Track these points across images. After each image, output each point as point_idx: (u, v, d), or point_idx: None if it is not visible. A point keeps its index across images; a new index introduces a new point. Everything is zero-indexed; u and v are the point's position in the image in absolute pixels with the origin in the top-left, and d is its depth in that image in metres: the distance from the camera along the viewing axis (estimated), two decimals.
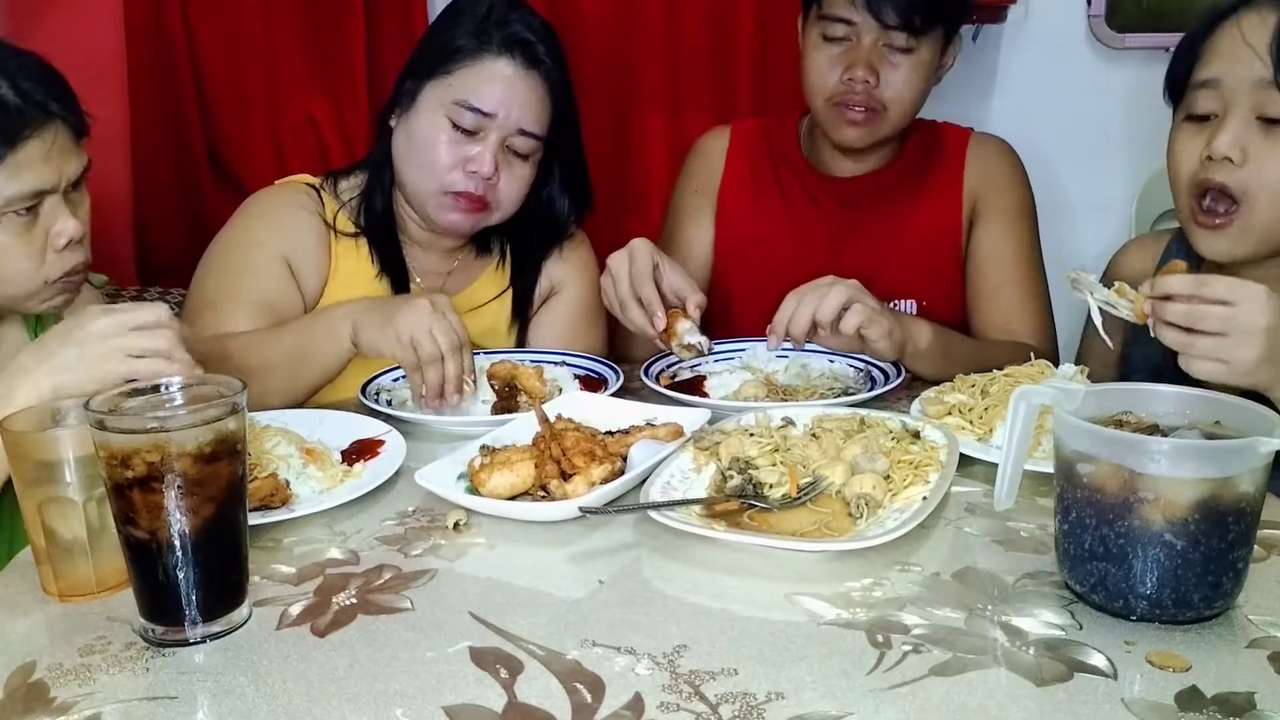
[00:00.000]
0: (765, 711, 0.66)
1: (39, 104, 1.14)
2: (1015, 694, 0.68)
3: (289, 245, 1.46)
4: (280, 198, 1.52)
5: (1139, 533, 0.75)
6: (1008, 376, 1.19)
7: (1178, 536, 0.74)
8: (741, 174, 1.73)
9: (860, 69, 1.49)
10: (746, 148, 1.74)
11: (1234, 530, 0.74)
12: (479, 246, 1.61)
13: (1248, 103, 1.13)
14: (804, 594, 0.82)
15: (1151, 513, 0.74)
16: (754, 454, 1.03)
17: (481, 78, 1.41)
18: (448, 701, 0.68)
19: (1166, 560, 0.74)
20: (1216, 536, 0.74)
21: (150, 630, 0.78)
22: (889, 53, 1.50)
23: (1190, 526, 0.74)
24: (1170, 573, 0.74)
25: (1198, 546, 0.74)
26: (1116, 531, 0.76)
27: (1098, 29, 2.24)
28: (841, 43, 1.52)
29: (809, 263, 1.63)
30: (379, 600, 0.83)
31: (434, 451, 1.12)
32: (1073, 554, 0.79)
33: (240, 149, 2.25)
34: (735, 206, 1.73)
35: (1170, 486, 0.73)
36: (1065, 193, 2.26)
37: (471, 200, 1.43)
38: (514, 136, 1.43)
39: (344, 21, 2.25)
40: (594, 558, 0.91)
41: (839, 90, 1.52)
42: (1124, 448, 0.75)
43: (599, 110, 2.21)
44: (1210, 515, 0.73)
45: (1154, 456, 0.73)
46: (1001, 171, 1.65)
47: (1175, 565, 0.74)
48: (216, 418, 0.77)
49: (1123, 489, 0.75)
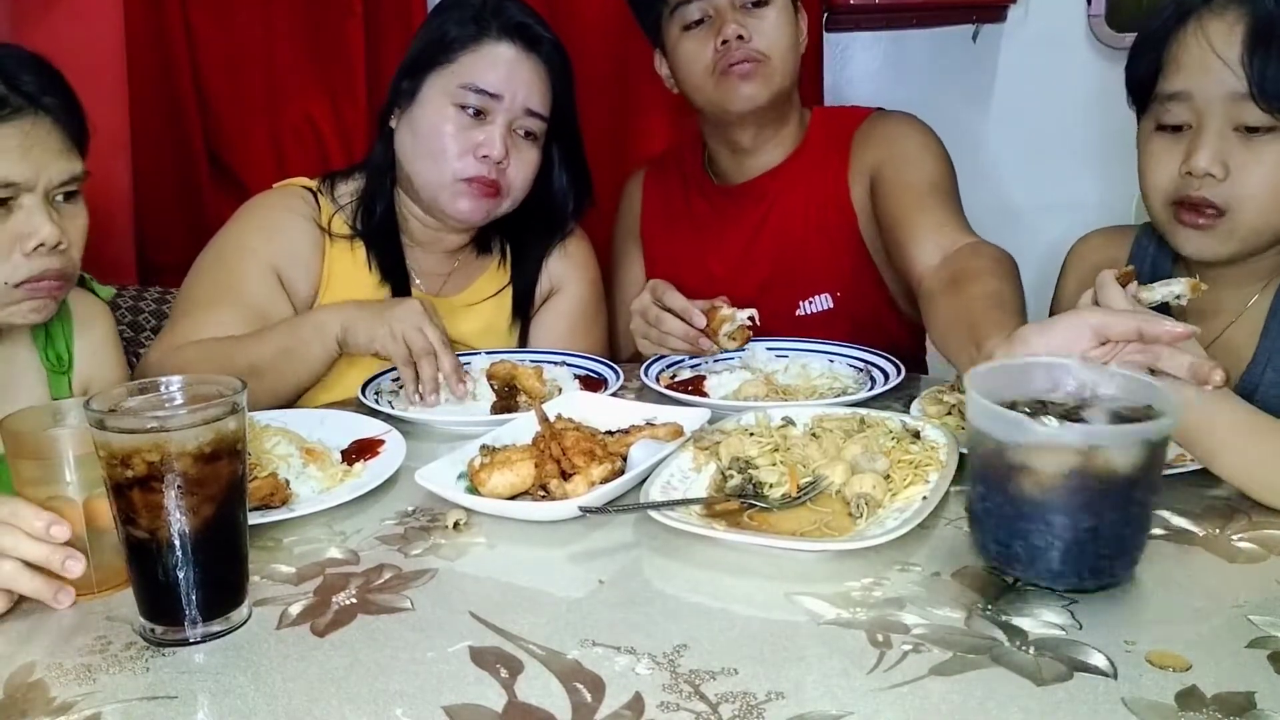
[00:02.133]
0: (765, 711, 0.66)
1: (26, 93, 1.11)
2: (1015, 694, 0.68)
3: (279, 252, 1.47)
4: (275, 203, 1.52)
5: (1018, 502, 0.81)
6: None
7: (1051, 508, 0.79)
8: (655, 208, 1.79)
9: (729, 27, 1.51)
10: (659, 181, 1.81)
11: (1109, 502, 0.78)
12: (479, 246, 1.61)
13: (1223, 114, 1.10)
14: (804, 594, 0.82)
15: (1027, 483, 0.79)
16: (754, 454, 1.03)
17: (485, 61, 1.42)
18: (448, 701, 0.68)
19: (1041, 529, 0.80)
20: (1095, 508, 0.78)
21: (150, 630, 0.78)
22: (749, 11, 1.53)
23: (1064, 497, 0.78)
24: (1041, 541, 0.80)
25: (1073, 515, 0.79)
26: (1000, 500, 0.82)
27: (1098, 29, 2.24)
28: (703, 24, 1.54)
29: (726, 275, 1.66)
30: (379, 600, 0.83)
31: (434, 451, 1.12)
32: (980, 523, 0.86)
33: (240, 149, 2.25)
34: (656, 239, 1.79)
35: (1041, 457, 0.78)
36: (1064, 193, 2.27)
37: (485, 185, 1.44)
38: (521, 118, 1.44)
39: (344, 21, 2.24)
40: (594, 557, 0.91)
41: (716, 58, 1.53)
42: (1001, 422, 0.80)
43: (599, 110, 2.21)
44: (1081, 487, 0.78)
45: (1026, 431, 0.79)
46: (901, 141, 1.57)
47: (1046, 534, 0.80)
48: (216, 417, 0.77)
49: (998, 459, 0.81)
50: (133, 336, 1.89)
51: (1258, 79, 1.06)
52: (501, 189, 1.45)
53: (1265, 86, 1.06)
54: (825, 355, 1.48)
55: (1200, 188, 1.12)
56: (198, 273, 1.48)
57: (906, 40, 2.42)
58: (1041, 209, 2.25)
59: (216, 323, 1.39)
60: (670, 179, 1.78)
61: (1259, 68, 1.06)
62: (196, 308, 1.43)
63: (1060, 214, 2.05)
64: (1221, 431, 0.94)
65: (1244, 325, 1.21)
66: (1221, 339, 1.22)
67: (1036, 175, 2.31)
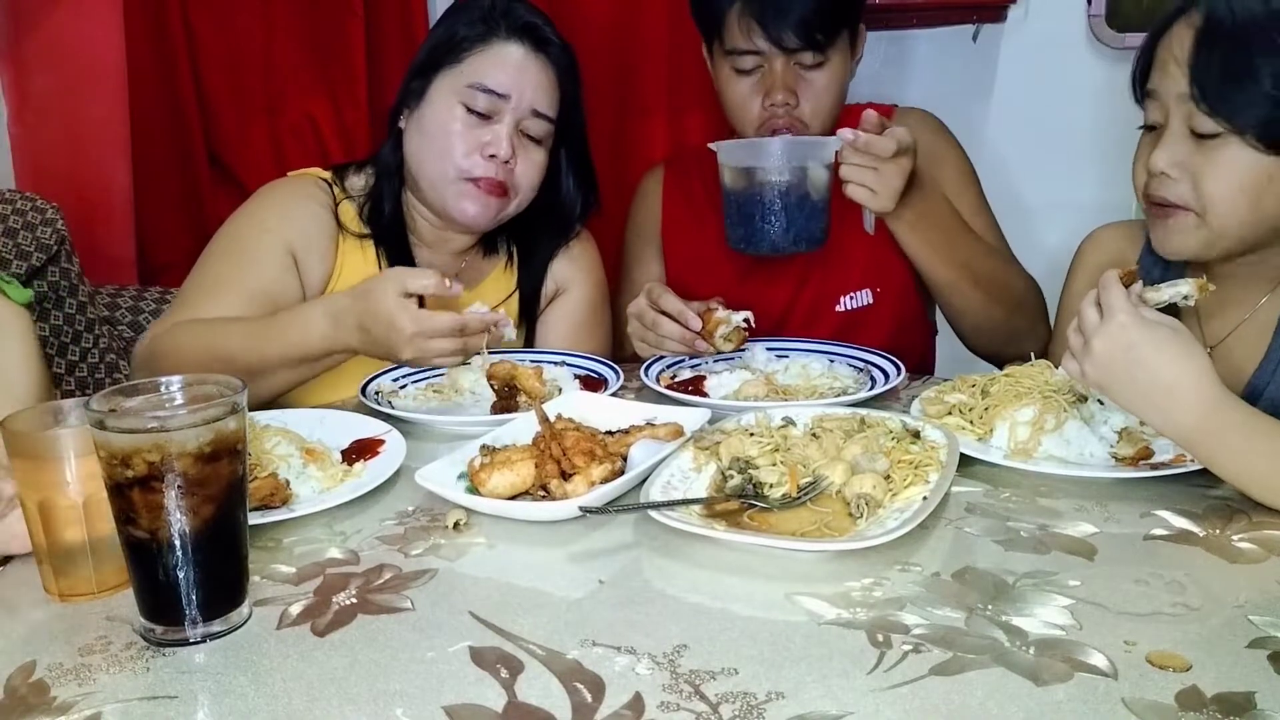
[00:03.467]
0: (765, 711, 0.66)
1: None
2: (1015, 694, 0.68)
3: (297, 234, 1.46)
4: (293, 188, 1.52)
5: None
6: (1008, 376, 1.19)
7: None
8: (678, 205, 1.77)
9: (779, 93, 1.52)
10: (680, 179, 1.78)
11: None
12: (486, 247, 1.61)
13: (1180, 115, 1.11)
14: (804, 594, 0.82)
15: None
16: (754, 454, 1.03)
17: (493, 61, 1.42)
18: (448, 701, 0.68)
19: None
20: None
21: (150, 630, 0.78)
22: (802, 71, 1.52)
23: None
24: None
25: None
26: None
27: (1098, 29, 2.24)
28: (755, 72, 1.54)
29: (760, 267, 1.65)
30: (379, 600, 0.83)
31: (434, 451, 1.12)
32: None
33: (240, 149, 2.25)
34: (679, 237, 1.76)
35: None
36: (1064, 193, 2.26)
37: (491, 185, 1.43)
38: (527, 119, 1.44)
39: (344, 21, 2.25)
40: (594, 557, 0.91)
41: (763, 116, 1.55)
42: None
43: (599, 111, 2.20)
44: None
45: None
46: (929, 144, 1.61)
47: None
48: (216, 417, 0.77)
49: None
50: (132, 336, 1.89)
51: (1198, 81, 1.08)
52: (508, 190, 1.45)
53: (1205, 89, 1.07)
54: (825, 355, 1.48)
55: (1159, 187, 1.14)
56: (210, 252, 1.46)
57: (906, 40, 2.42)
58: (1042, 209, 2.25)
59: (220, 306, 1.38)
60: (692, 176, 1.76)
61: (1200, 70, 1.07)
62: (204, 286, 1.41)
63: (1060, 214, 2.06)
64: (1226, 436, 0.94)
65: (1253, 325, 1.21)
66: (1231, 339, 1.22)
67: (1036, 175, 2.31)
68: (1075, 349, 1.01)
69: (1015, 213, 2.20)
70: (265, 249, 1.43)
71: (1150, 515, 0.96)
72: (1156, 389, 0.95)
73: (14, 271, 1.65)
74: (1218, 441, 0.95)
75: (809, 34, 1.48)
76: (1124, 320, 0.96)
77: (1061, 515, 0.96)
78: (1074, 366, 1.01)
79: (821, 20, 1.48)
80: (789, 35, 1.48)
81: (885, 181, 1.35)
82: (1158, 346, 0.95)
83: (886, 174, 1.34)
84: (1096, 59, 2.26)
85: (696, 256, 1.72)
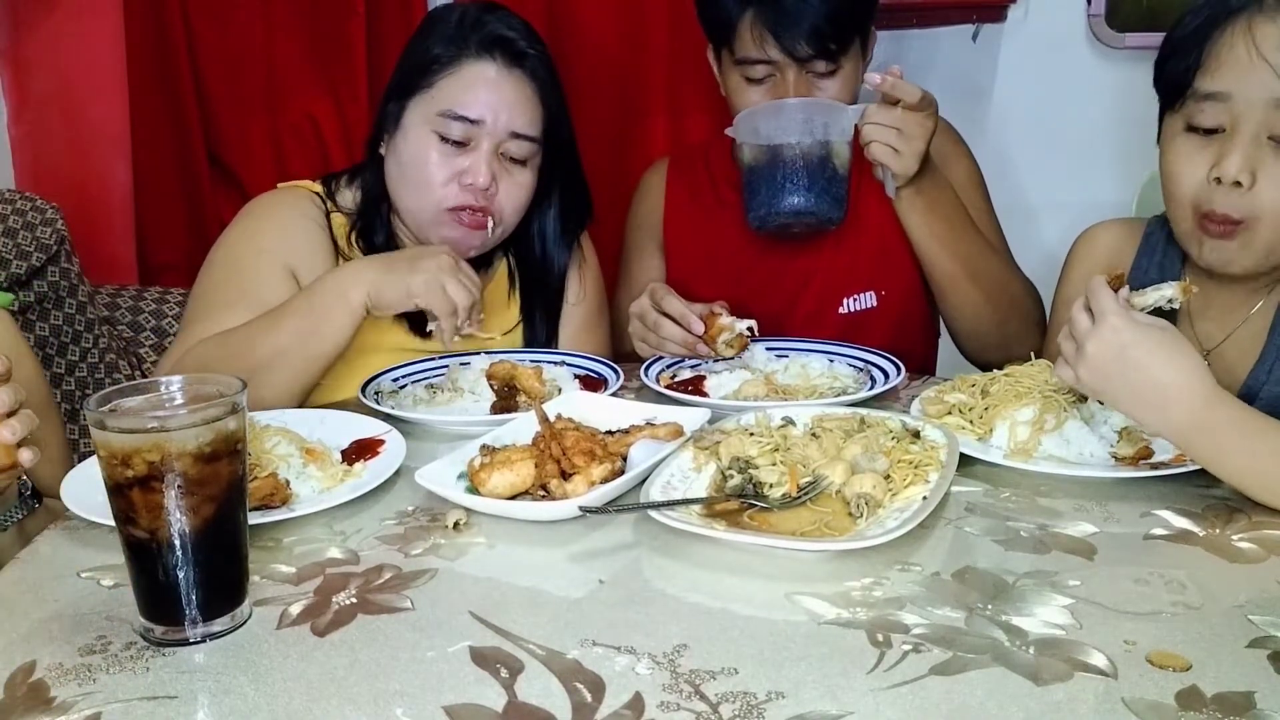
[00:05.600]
0: (765, 711, 0.66)
1: None
2: (1015, 694, 0.68)
3: (294, 252, 1.42)
4: (286, 204, 1.48)
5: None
6: (1008, 376, 1.19)
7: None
8: (680, 201, 1.75)
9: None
10: (684, 174, 1.76)
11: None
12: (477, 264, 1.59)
13: (1259, 121, 1.07)
14: (804, 593, 0.82)
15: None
16: (754, 454, 1.03)
17: (463, 84, 1.38)
18: (448, 701, 0.68)
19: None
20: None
21: (150, 630, 0.78)
22: (815, 79, 1.51)
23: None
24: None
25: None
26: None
27: (1098, 29, 2.24)
28: (766, 81, 1.53)
29: (762, 266, 1.65)
30: (379, 600, 0.83)
31: (434, 451, 1.12)
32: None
33: (240, 149, 2.25)
34: (682, 231, 1.74)
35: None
36: (1064, 193, 2.26)
37: (472, 216, 1.40)
38: (507, 141, 1.40)
39: (344, 21, 2.24)
40: (594, 557, 0.91)
41: None
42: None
43: (599, 111, 2.21)
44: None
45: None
46: (939, 145, 1.58)
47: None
48: (216, 417, 0.77)
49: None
50: (132, 336, 1.89)
51: None
52: (492, 216, 1.41)
53: None
54: (825, 355, 1.48)
55: (1225, 197, 1.09)
56: (209, 275, 1.44)
57: (906, 40, 2.42)
58: (1041, 208, 2.25)
59: (229, 322, 1.34)
60: (697, 172, 1.75)
61: None
62: (211, 310, 1.38)
63: (1060, 214, 2.05)
64: (1222, 433, 0.94)
65: (1249, 328, 1.21)
66: (1227, 342, 1.22)
67: (1036, 175, 2.31)
68: (1068, 355, 1.00)
69: (1015, 212, 2.20)
70: (265, 268, 1.40)
71: (1150, 515, 0.96)
72: (1152, 389, 0.95)
73: (13, 272, 1.65)
74: (1214, 439, 0.95)
75: (822, 43, 1.46)
76: (1116, 323, 0.96)
77: (1061, 515, 0.96)
78: (1068, 373, 1.01)
79: (835, 29, 1.46)
80: (802, 45, 1.46)
81: (908, 141, 1.35)
82: (1151, 347, 0.94)
83: (910, 132, 1.34)
84: (1096, 59, 2.26)
85: (698, 253, 1.71)
